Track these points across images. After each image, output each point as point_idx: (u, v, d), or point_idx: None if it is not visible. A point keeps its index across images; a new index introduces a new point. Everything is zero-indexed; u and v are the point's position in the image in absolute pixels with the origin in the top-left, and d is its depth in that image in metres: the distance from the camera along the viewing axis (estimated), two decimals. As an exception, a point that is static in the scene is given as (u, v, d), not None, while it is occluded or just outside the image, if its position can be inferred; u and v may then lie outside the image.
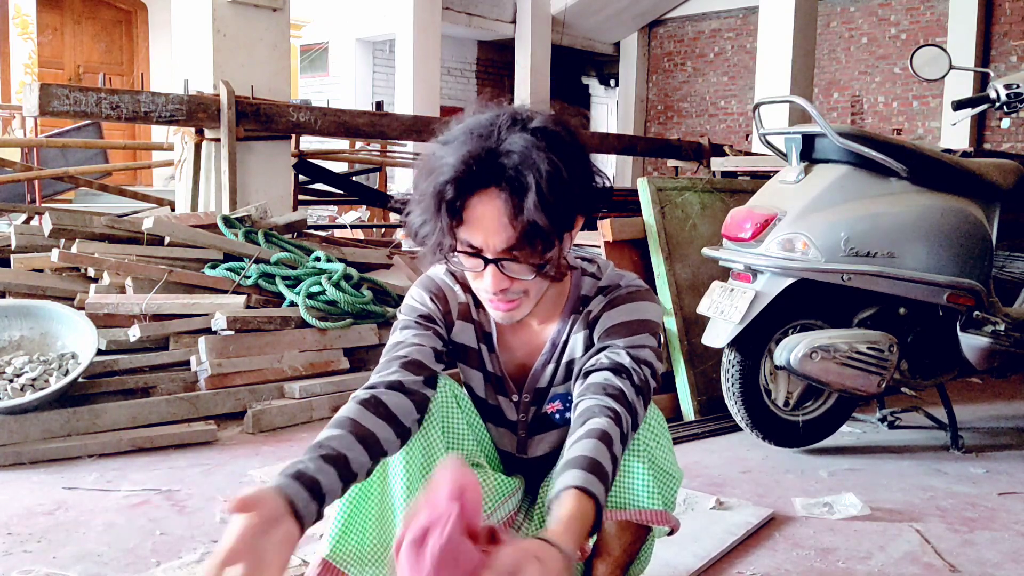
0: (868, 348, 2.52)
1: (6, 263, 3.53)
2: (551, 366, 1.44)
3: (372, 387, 1.28)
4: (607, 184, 1.35)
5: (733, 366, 2.65)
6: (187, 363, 3.08)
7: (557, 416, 1.46)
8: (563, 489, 1.12)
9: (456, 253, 1.26)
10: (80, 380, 2.78)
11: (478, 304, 1.45)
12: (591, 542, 1.42)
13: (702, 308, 2.71)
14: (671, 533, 1.41)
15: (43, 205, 6.32)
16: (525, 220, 1.20)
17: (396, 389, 1.28)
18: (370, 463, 1.19)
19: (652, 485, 1.33)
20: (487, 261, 1.25)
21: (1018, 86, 2.92)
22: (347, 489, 1.15)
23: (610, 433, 1.21)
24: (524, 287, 1.29)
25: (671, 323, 3.14)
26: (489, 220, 1.22)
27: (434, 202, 1.23)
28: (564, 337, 1.42)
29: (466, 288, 1.45)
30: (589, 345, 1.40)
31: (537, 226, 1.21)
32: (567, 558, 1.01)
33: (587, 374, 1.32)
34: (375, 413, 1.23)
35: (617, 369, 1.30)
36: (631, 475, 1.34)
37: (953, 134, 9.06)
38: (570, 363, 1.42)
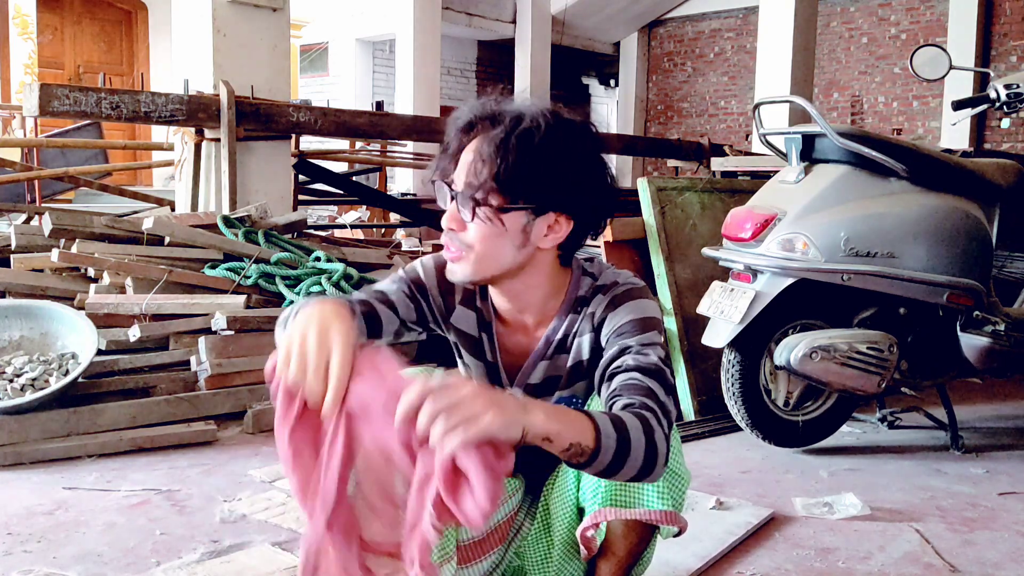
0: (868, 348, 2.52)
1: (6, 263, 3.52)
2: (544, 363, 1.42)
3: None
4: (612, 189, 1.35)
5: (733, 366, 2.65)
6: (187, 363, 3.08)
7: None
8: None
9: (436, 185, 1.33)
10: (80, 380, 2.78)
11: (483, 295, 1.45)
12: (598, 542, 1.41)
13: (702, 308, 2.71)
14: (679, 534, 1.40)
15: (43, 205, 6.31)
16: (484, 162, 1.26)
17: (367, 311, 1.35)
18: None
19: (662, 485, 1.32)
20: (451, 193, 1.30)
21: (1018, 86, 2.92)
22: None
23: (648, 419, 1.16)
24: (472, 239, 1.29)
25: (671, 323, 3.14)
26: (468, 154, 1.30)
27: (446, 138, 1.33)
28: (559, 335, 1.41)
29: None
30: (595, 346, 1.38)
31: (493, 171, 1.25)
32: (513, 403, 1.01)
33: (612, 376, 1.29)
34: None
35: (645, 368, 1.27)
36: None
37: (953, 134, 9.06)
38: (577, 365, 1.41)
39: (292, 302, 3.35)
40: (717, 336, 2.64)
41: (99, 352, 2.92)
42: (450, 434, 0.95)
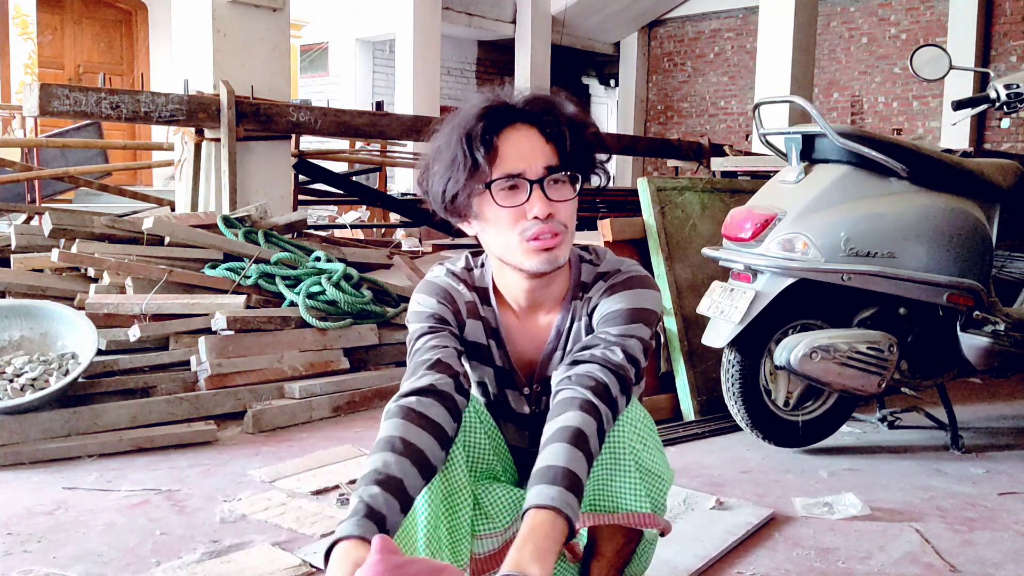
0: (868, 348, 2.52)
1: (6, 263, 3.53)
2: (558, 353, 1.44)
3: (405, 395, 1.28)
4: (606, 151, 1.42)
5: (733, 366, 2.65)
6: (187, 363, 3.08)
7: None
8: (537, 506, 1.14)
9: (494, 187, 1.29)
10: (80, 380, 2.78)
11: (484, 301, 1.45)
12: (582, 544, 1.42)
13: (702, 308, 2.71)
14: (662, 535, 1.40)
15: (43, 205, 6.32)
16: (559, 138, 1.30)
17: (429, 394, 1.28)
18: (423, 483, 1.21)
19: (639, 488, 1.33)
20: (532, 183, 1.29)
21: (1018, 86, 2.92)
22: (406, 515, 1.18)
23: (585, 432, 1.21)
24: (565, 217, 1.32)
25: (671, 323, 3.14)
26: (525, 145, 1.30)
27: (463, 147, 1.28)
28: (568, 324, 1.42)
29: (470, 286, 1.45)
30: (590, 331, 1.41)
31: (570, 141, 1.30)
32: None
33: (574, 363, 1.33)
34: (419, 425, 1.23)
35: (605, 363, 1.31)
36: (617, 478, 1.33)
37: (953, 134, 9.06)
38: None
39: (293, 302, 3.37)
40: (717, 336, 2.64)
41: (99, 352, 2.92)
42: None
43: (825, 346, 2.47)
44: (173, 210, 4.84)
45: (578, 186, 1.34)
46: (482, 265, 1.47)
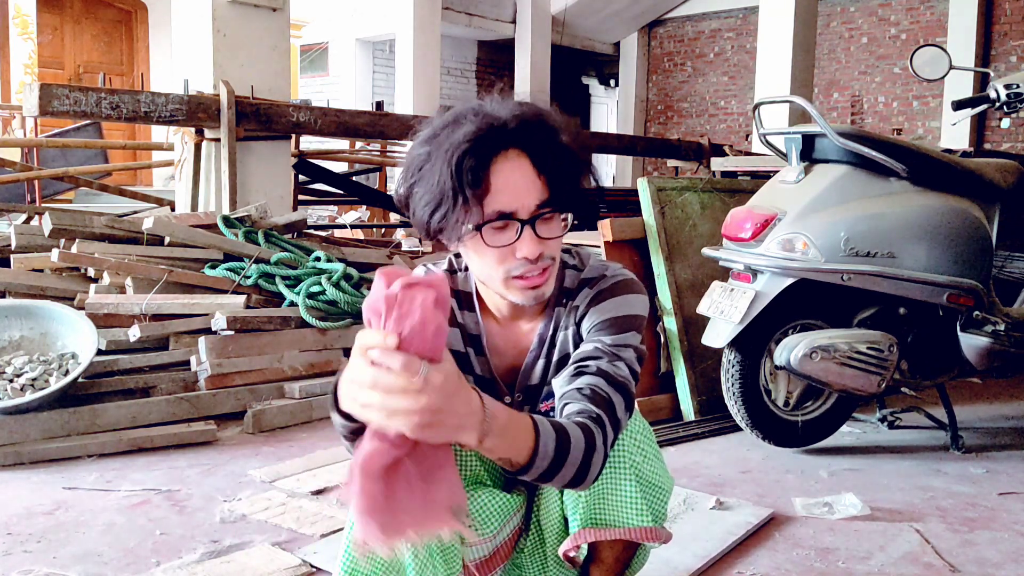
0: (868, 348, 2.52)
1: (6, 263, 3.53)
2: (541, 361, 1.40)
3: None
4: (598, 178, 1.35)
5: (733, 366, 2.65)
6: (187, 363, 3.08)
7: (552, 413, 1.44)
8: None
9: (484, 227, 1.21)
10: (80, 380, 2.78)
11: (465, 306, 1.42)
12: (583, 551, 1.40)
13: (702, 308, 2.71)
14: (665, 542, 1.39)
15: (43, 205, 6.31)
16: (551, 171, 1.22)
17: None
18: None
19: (640, 502, 1.31)
20: (523, 223, 1.22)
21: (1018, 86, 2.92)
22: None
23: (595, 434, 1.18)
24: (553, 251, 1.26)
25: (671, 323, 3.14)
26: (518, 179, 1.21)
27: (452, 179, 1.19)
28: (551, 331, 1.39)
29: (451, 291, 1.42)
30: (578, 340, 1.37)
31: (563, 175, 1.23)
32: (481, 411, 1.00)
33: (578, 373, 1.28)
34: None
35: (612, 379, 1.27)
36: (618, 493, 1.31)
37: (953, 134, 9.06)
38: (562, 359, 1.38)
39: (293, 302, 3.36)
40: (717, 336, 2.64)
41: (99, 352, 2.92)
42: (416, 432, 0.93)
43: (825, 346, 2.47)
44: (173, 210, 4.84)
45: (568, 218, 1.27)
46: (466, 268, 1.42)
